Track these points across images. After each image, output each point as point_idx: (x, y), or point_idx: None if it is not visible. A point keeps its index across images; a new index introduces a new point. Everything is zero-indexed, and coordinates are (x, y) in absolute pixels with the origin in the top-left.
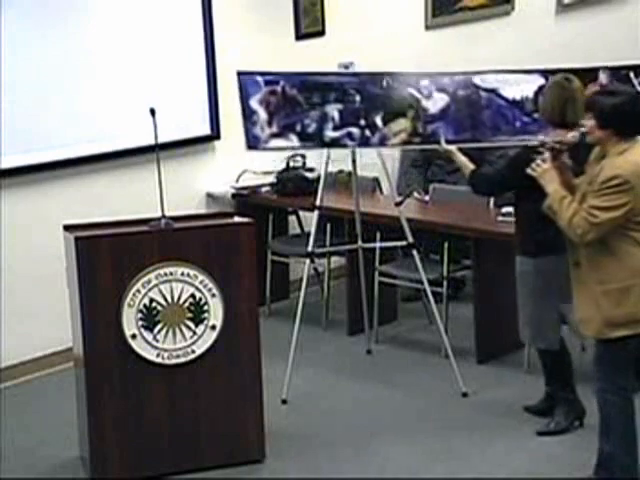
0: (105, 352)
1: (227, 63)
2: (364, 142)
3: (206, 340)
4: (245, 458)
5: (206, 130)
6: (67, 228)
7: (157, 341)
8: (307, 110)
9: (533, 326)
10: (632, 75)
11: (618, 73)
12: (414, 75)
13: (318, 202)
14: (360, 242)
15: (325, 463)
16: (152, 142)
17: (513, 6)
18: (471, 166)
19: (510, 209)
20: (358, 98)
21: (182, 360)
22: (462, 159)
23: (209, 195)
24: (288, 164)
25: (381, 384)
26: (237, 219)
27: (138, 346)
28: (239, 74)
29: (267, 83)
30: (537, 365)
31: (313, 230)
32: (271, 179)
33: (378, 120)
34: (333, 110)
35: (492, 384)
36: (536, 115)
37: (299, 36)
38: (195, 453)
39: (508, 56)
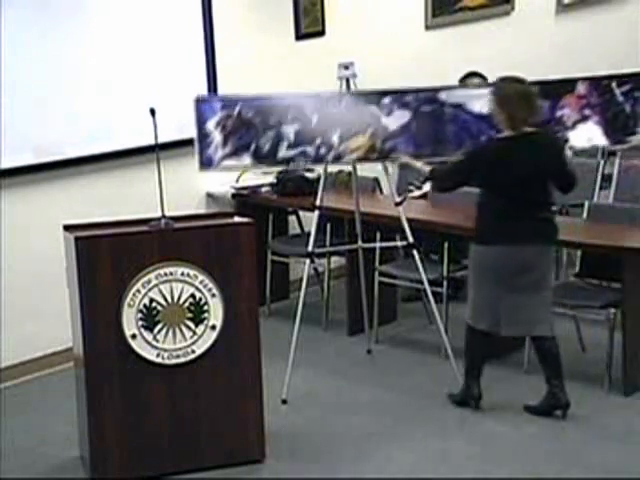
0: (105, 352)
1: (227, 63)
2: (318, 159)
3: (206, 340)
4: (245, 458)
5: None
6: (67, 228)
7: (157, 341)
8: (263, 131)
9: (475, 307)
10: (614, 85)
11: (598, 84)
12: (376, 93)
13: (318, 202)
14: (360, 242)
15: (325, 463)
16: (152, 142)
17: (513, 6)
18: (427, 168)
19: None
20: (316, 118)
21: (182, 360)
22: (417, 164)
23: (209, 195)
24: None
25: (381, 384)
26: (237, 219)
27: (138, 346)
28: (197, 101)
29: (224, 107)
30: (537, 365)
31: (313, 230)
32: (271, 179)
33: (335, 138)
34: (289, 130)
35: (492, 384)
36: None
37: (299, 36)
38: (195, 453)
39: (508, 56)
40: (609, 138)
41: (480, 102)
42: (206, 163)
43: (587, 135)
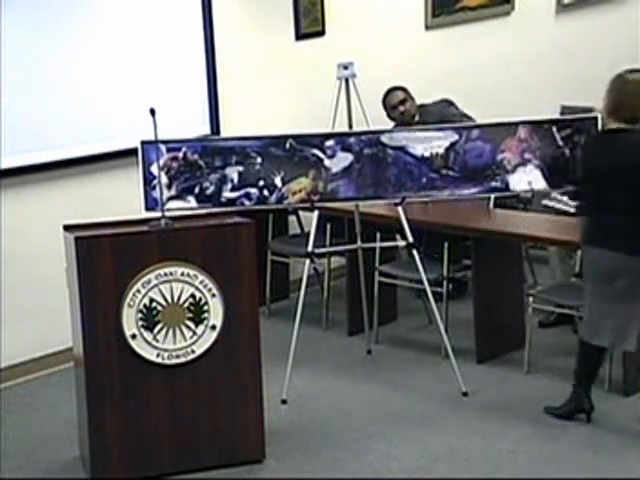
0: (105, 352)
1: (227, 63)
2: (261, 202)
3: (206, 340)
4: (245, 458)
5: (206, 130)
6: (67, 228)
7: (157, 341)
8: (207, 174)
9: (587, 320)
10: (554, 129)
11: (539, 128)
12: (320, 136)
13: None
14: (360, 242)
15: (325, 463)
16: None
17: (513, 6)
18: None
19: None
20: (259, 160)
21: (182, 360)
22: None
23: None
24: None
25: (381, 384)
26: (237, 219)
27: (138, 346)
28: (142, 143)
29: (169, 150)
30: (537, 365)
31: (313, 230)
32: None
33: (277, 180)
34: (233, 172)
35: (492, 384)
36: (444, 171)
37: (299, 36)
38: (195, 453)
39: (508, 56)
40: (548, 182)
41: (423, 145)
42: (151, 205)
43: (527, 179)
